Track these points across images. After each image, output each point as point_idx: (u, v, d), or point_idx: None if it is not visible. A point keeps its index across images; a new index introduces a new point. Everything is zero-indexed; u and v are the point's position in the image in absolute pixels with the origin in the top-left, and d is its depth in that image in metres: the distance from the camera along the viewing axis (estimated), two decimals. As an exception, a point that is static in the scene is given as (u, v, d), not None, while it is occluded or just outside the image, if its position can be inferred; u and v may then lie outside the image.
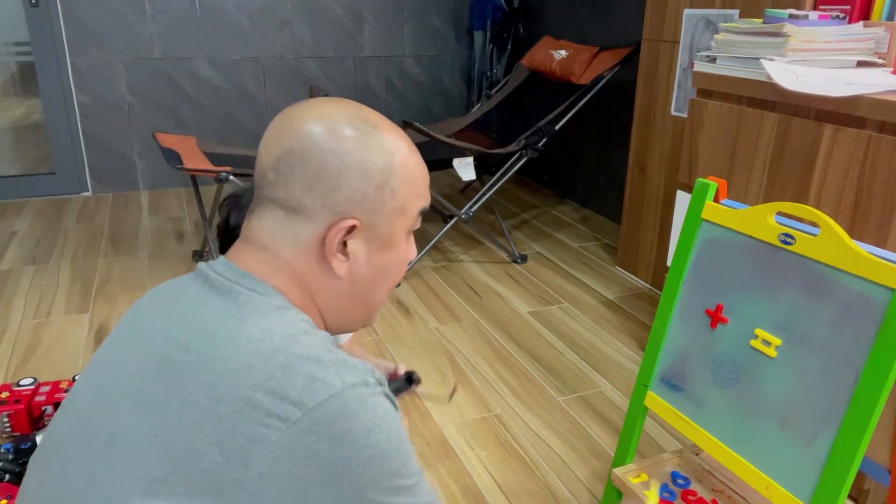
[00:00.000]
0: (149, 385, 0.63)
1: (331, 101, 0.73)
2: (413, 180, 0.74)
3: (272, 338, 0.64)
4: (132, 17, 3.35)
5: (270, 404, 0.60)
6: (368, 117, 0.72)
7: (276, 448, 0.60)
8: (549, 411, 1.77)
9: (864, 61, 1.52)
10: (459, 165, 2.57)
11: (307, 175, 0.68)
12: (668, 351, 1.20)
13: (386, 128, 0.73)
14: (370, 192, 0.70)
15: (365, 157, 0.70)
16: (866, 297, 0.90)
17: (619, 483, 1.23)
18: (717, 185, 1.15)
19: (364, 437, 0.63)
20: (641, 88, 2.46)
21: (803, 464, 0.95)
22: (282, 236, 0.70)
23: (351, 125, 0.70)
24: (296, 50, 3.71)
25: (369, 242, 0.73)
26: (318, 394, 0.61)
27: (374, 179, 0.70)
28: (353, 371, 0.65)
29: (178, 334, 0.66)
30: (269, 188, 0.70)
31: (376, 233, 0.73)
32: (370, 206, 0.71)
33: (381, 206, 0.71)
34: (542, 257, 2.82)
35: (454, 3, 3.97)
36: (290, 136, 0.69)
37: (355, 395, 0.63)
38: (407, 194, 0.74)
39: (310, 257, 0.71)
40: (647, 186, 2.49)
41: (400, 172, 0.72)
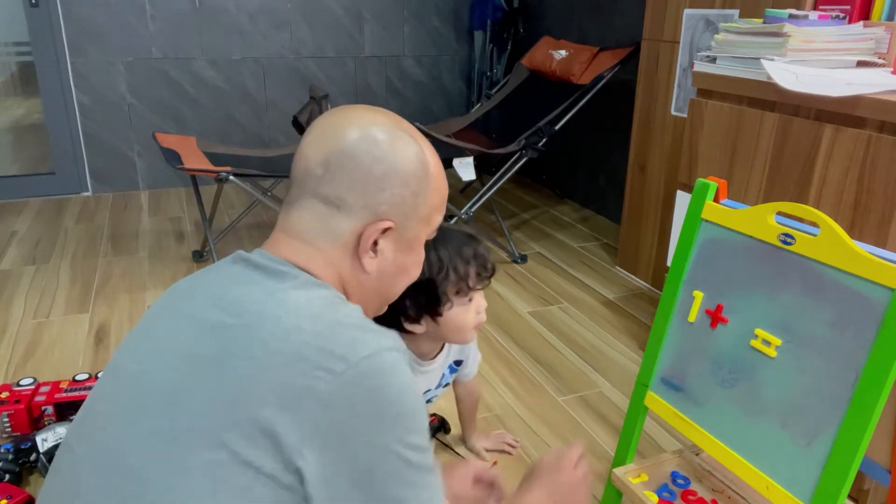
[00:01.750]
0: (205, 346, 0.68)
1: (377, 111, 0.79)
2: (440, 192, 0.83)
3: (316, 305, 0.71)
4: (132, 17, 3.35)
5: (319, 357, 0.66)
6: (409, 129, 0.79)
7: (325, 397, 0.65)
8: (549, 411, 1.77)
9: (864, 61, 1.52)
10: (459, 165, 2.57)
11: (355, 175, 0.75)
12: (668, 351, 1.20)
13: (423, 140, 0.80)
14: (407, 198, 0.77)
15: (407, 166, 0.77)
16: (866, 297, 0.90)
17: (619, 483, 1.23)
18: (717, 185, 1.15)
19: (397, 394, 0.69)
20: (641, 88, 2.46)
21: (803, 464, 0.95)
22: (321, 229, 0.76)
23: (396, 135, 0.77)
24: (296, 50, 3.71)
25: (397, 243, 0.79)
26: (362, 350, 0.68)
27: (411, 186, 0.77)
28: (389, 338, 0.72)
29: (228, 304, 0.71)
30: (315, 183, 0.76)
31: (404, 235, 0.80)
32: (405, 211, 0.78)
33: (414, 211, 0.79)
34: (542, 257, 2.82)
35: (454, 3, 3.97)
36: (343, 138, 0.75)
37: (391, 358, 0.70)
38: (434, 204, 0.82)
39: (344, 250, 0.77)
40: (647, 186, 2.49)
41: (432, 183, 0.80)
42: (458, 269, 1.22)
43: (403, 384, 0.70)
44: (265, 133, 3.79)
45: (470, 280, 1.23)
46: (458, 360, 1.42)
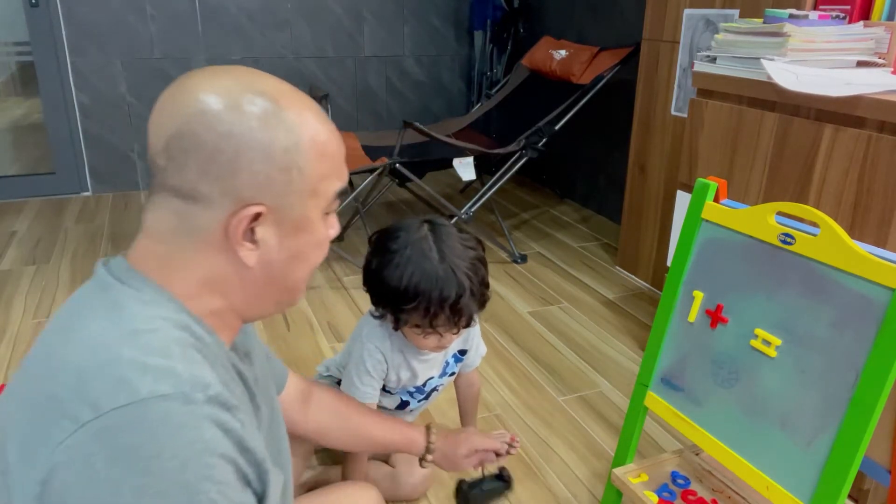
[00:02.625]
0: (15, 385, 0.62)
1: (224, 72, 0.65)
2: (324, 158, 0.67)
3: (108, 335, 0.59)
4: (132, 17, 3.35)
5: (71, 401, 0.54)
6: (268, 89, 0.64)
7: (60, 452, 0.53)
8: (549, 411, 1.77)
9: (864, 61, 1.52)
10: (459, 165, 2.56)
11: (201, 160, 0.61)
12: (668, 351, 1.20)
13: (289, 100, 0.65)
14: (275, 175, 0.63)
15: (265, 136, 0.62)
16: (866, 297, 0.90)
17: (619, 483, 1.23)
18: (717, 185, 1.15)
19: (147, 460, 0.53)
20: (641, 88, 2.46)
21: (803, 464, 0.95)
22: (179, 227, 0.64)
23: (247, 100, 0.62)
24: (296, 50, 3.71)
25: (280, 227, 0.66)
26: (118, 398, 0.54)
27: (278, 161, 0.63)
28: (175, 381, 0.56)
29: (50, 333, 0.64)
30: (161, 175, 0.64)
31: (286, 216, 0.66)
32: (276, 190, 0.64)
33: (289, 188, 0.65)
34: (542, 257, 2.82)
35: (454, 3, 3.97)
36: (179, 116, 0.62)
37: (160, 409, 0.54)
38: (318, 174, 0.67)
39: (213, 247, 0.65)
40: (647, 186, 2.49)
41: (308, 151, 0.65)
42: (430, 309, 1.15)
43: (165, 447, 0.53)
44: (265, 133, 3.79)
45: (437, 323, 1.17)
46: (463, 349, 1.42)
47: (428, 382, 1.39)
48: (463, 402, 1.53)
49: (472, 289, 1.18)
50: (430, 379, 1.39)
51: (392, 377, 1.33)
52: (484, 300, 1.23)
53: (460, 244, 1.21)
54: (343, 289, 2.46)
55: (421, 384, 1.38)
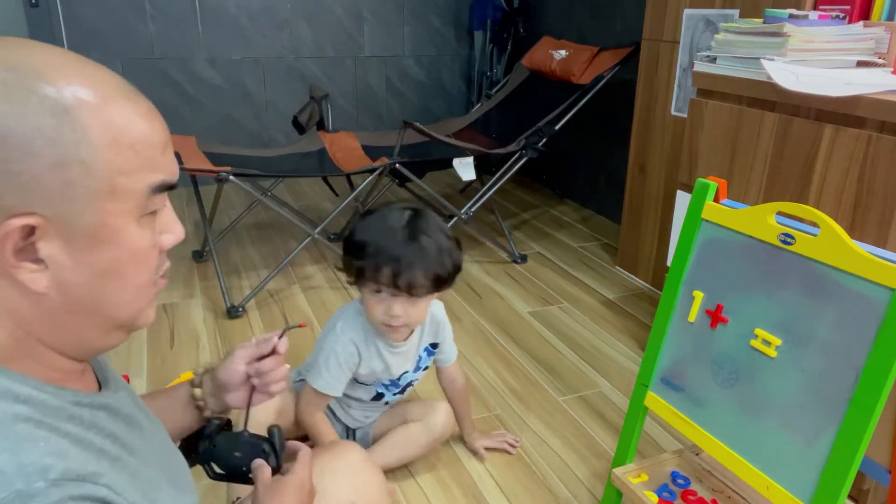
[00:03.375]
0: None
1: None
2: (123, 146, 0.52)
3: None
4: (132, 17, 3.35)
5: None
6: (27, 61, 0.49)
7: None
8: (549, 411, 1.77)
9: (864, 61, 1.52)
10: (459, 165, 2.56)
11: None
12: (668, 351, 1.20)
13: (65, 74, 0.50)
14: (45, 175, 0.49)
15: (22, 124, 0.47)
16: (866, 297, 0.90)
17: (619, 483, 1.23)
18: (717, 185, 1.15)
19: None
20: (641, 88, 2.46)
21: (803, 464, 0.95)
22: None
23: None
24: (296, 50, 3.71)
25: (68, 241, 0.51)
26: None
27: (43, 155, 0.48)
28: (2, 481, 0.45)
29: None
30: None
31: (75, 226, 0.51)
32: (50, 195, 0.49)
33: (70, 189, 0.50)
34: (542, 257, 2.82)
35: (454, 3, 3.97)
36: None
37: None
38: (115, 168, 0.52)
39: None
40: (647, 186, 2.49)
41: (93, 136, 0.50)
42: (378, 263, 1.23)
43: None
44: (265, 133, 3.79)
45: (381, 278, 1.24)
46: (434, 342, 1.47)
47: (403, 376, 1.43)
48: (451, 401, 1.56)
49: (427, 259, 1.24)
50: (405, 373, 1.43)
51: (365, 369, 1.37)
52: (440, 280, 1.28)
53: (438, 229, 1.28)
54: (343, 289, 2.46)
55: (396, 378, 1.42)
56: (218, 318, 2.20)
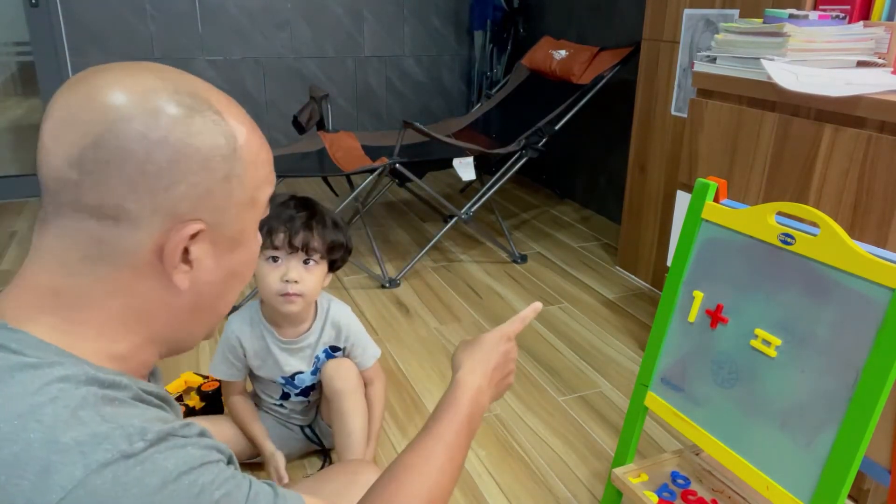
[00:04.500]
0: None
1: (143, 69, 0.57)
2: (260, 164, 0.62)
3: (2, 418, 0.48)
4: (132, 17, 3.35)
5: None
6: (200, 91, 0.58)
7: None
8: (549, 411, 1.77)
9: (864, 61, 1.52)
10: (459, 165, 2.56)
11: (128, 172, 0.53)
12: (668, 351, 1.20)
13: (223, 103, 0.59)
14: (214, 187, 0.56)
15: (204, 143, 0.55)
16: (866, 297, 0.90)
17: (619, 483, 1.23)
18: (717, 185, 1.15)
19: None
20: (641, 88, 2.46)
21: (803, 464, 0.95)
22: (95, 253, 0.54)
23: (179, 103, 0.55)
24: (296, 50, 3.71)
25: (216, 245, 0.59)
26: (53, 492, 0.46)
27: (217, 170, 0.56)
28: (107, 442, 0.48)
29: None
30: (71, 193, 0.53)
31: (224, 233, 0.59)
32: (216, 203, 0.57)
33: (229, 200, 0.58)
34: (542, 257, 2.82)
35: (454, 3, 3.97)
36: (96, 121, 0.53)
37: (107, 478, 0.47)
38: (255, 182, 0.61)
39: (136, 274, 0.56)
40: (647, 186, 2.49)
41: (245, 156, 0.59)
42: (272, 227, 1.27)
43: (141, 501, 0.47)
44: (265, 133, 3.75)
45: (276, 241, 1.28)
46: (335, 346, 1.47)
47: (297, 377, 1.45)
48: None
49: (321, 224, 1.32)
50: (300, 374, 1.44)
51: (255, 361, 1.43)
52: (333, 247, 1.34)
53: (326, 209, 1.37)
54: (343, 289, 2.46)
55: (289, 376, 1.44)
56: (218, 318, 2.20)
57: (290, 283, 1.30)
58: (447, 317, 2.27)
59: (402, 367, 1.96)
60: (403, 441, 1.64)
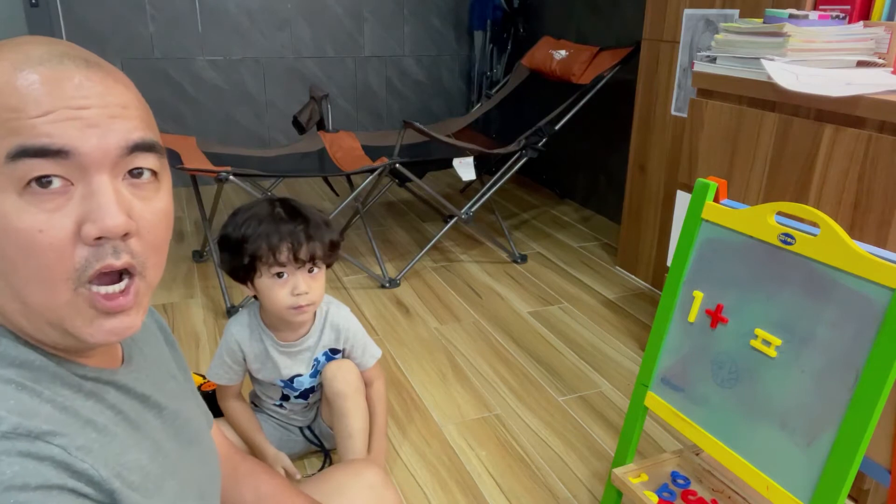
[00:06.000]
0: None
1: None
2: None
3: None
4: (132, 17, 3.35)
5: None
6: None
7: None
8: (549, 411, 1.77)
9: (864, 61, 1.52)
10: (459, 165, 2.56)
11: None
12: (668, 351, 1.20)
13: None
14: None
15: None
16: (866, 297, 0.90)
17: (619, 483, 1.23)
18: (717, 185, 1.15)
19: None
20: (641, 88, 2.46)
21: (803, 464, 0.95)
22: None
23: None
24: (296, 50, 3.71)
25: None
26: None
27: None
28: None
29: None
30: None
31: None
32: None
33: None
34: (542, 257, 2.82)
35: (454, 3, 3.97)
36: None
37: None
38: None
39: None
40: (647, 186, 2.49)
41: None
42: (273, 243, 1.26)
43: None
44: (265, 133, 3.79)
45: (280, 257, 1.27)
46: (335, 349, 1.46)
47: (296, 379, 1.44)
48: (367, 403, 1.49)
49: (317, 228, 1.30)
50: (299, 376, 1.44)
51: (255, 364, 1.43)
52: (333, 247, 1.34)
53: (309, 207, 1.36)
54: (343, 289, 2.46)
55: (287, 379, 1.44)
56: (218, 318, 2.20)
57: (301, 295, 1.30)
58: (447, 317, 2.27)
59: (402, 367, 1.96)
60: (404, 441, 1.64)
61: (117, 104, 0.53)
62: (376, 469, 1.13)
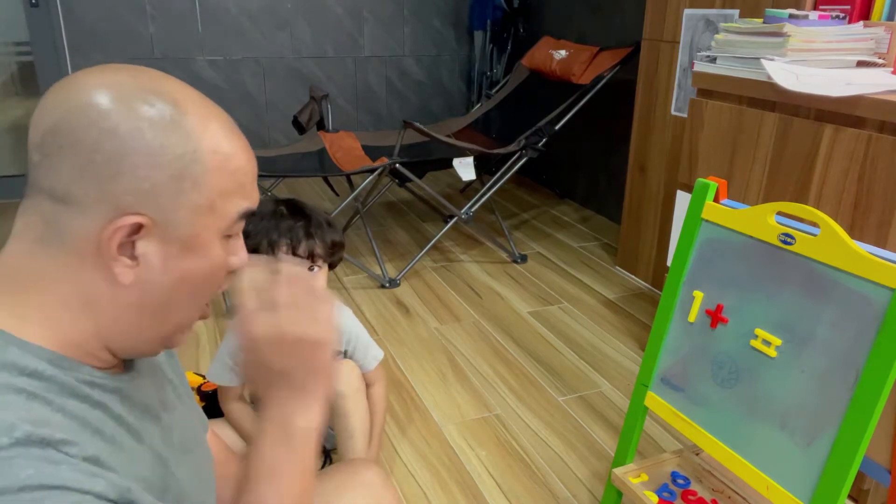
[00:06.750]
0: None
1: (123, 70, 0.60)
2: (226, 172, 0.60)
3: None
4: (132, 17, 3.35)
5: None
6: (169, 90, 0.59)
7: None
8: (549, 411, 1.77)
9: (864, 61, 1.52)
10: (459, 165, 2.56)
11: (78, 158, 0.55)
12: (668, 351, 1.20)
13: (192, 105, 0.59)
14: (163, 183, 0.56)
15: (156, 140, 0.56)
16: (866, 297, 0.90)
17: (619, 483, 1.23)
18: (717, 185, 1.15)
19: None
20: (641, 88, 2.46)
21: (803, 464, 0.95)
22: (47, 234, 0.57)
23: (142, 99, 0.57)
24: (296, 50, 3.71)
25: (166, 245, 0.58)
26: None
27: (166, 167, 0.56)
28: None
29: None
30: (35, 173, 0.57)
31: (174, 233, 0.58)
32: (163, 202, 0.56)
33: (178, 200, 0.57)
34: (542, 257, 2.82)
35: (454, 3, 3.97)
36: (60, 110, 0.56)
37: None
38: (218, 189, 0.59)
39: (84, 261, 0.56)
40: (647, 186, 2.49)
41: (207, 161, 0.58)
42: (273, 239, 1.26)
43: None
44: (265, 133, 3.79)
45: (278, 251, 1.27)
46: (337, 350, 1.43)
47: None
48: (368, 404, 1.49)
49: (318, 226, 1.30)
50: None
51: None
52: (335, 246, 1.34)
53: (312, 207, 1.36)
54: (343, 289, 2.46)
55: None
56: (218, 318, 2.20)
57: None
58: (447, 317, 2.27)
59: (402, 367, 1.96)
60: (404, 441, 1.64)
61: None
62: (376, 469, 1.13)
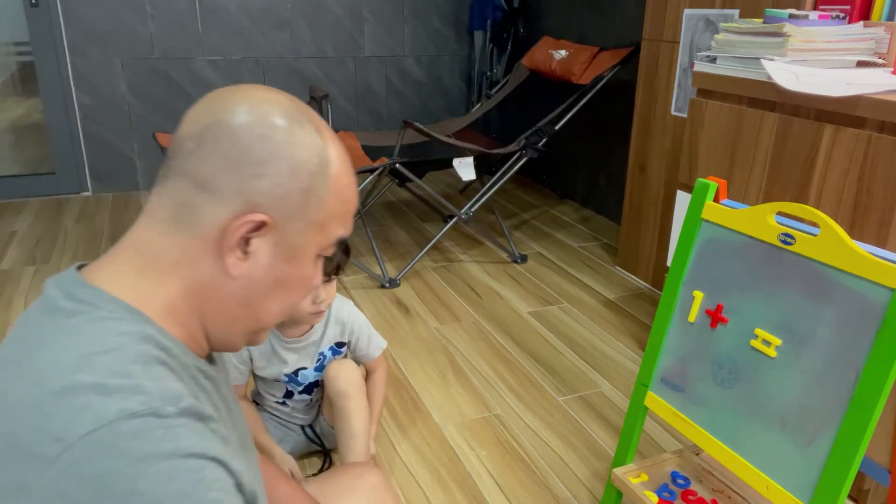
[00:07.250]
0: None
1: (277, 92, 0.67)
2: (341, 200, 0.67)
3: (61, 361, 0.54)
4: (132, 17, 3.35)
5: (32, 440, 0.50)
6: (314, 119, 0.66)
7: (40, 497, 0.49)
8: (549, 411, 1.77)
9: (864, 61, 1.52)
10: (459, 165, 2.57)
11: (231, 153, 0.61)
12: (668, 351, 1.20)
13: (329, 135, 0.67)
14: (294, 193, 0.63)
15: (299, 154, 0.63)
16: (866, 297, 0.90)
17: (619, 483, 1.23)
18: (717, 185, 1.15)
19: (131, 482, 0.50)
20: (641, 88, 2.46)
21: (803, 464, 0.95)
22: (180, 214, 0.62)
23: (297, 120, 0.64)
24: (296, 50, 3.71)
25: (276, 247, 0.64)
26: (83, 425, 0.50)
27: (301, 180, 0.63)
28: (143, 397, 0.53)
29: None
30: (183, 158, 0.62)
31: (286, 239, 0.64)
32: (289, 209, 0.63)
33: (302, 211, 0.64)
34: (542, 257, 2.82)
35: (454, 3, 3.97)
36: (225, 111, 0.63)
37: (130, 427, 0.51)
38: (332, 211, 0.66)
39: (204, 245, 0.62)
40: (647, 186, 2.49)
41: (331, 185, 0.65)
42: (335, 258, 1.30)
43: (144, 464, 0.50)
44: (265, 133, 3.79)
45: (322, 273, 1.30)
46: (340, 342, 1.48)
47: (301, 373, 1.46)
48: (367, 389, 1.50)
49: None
50: (304, 370, 1.46)
51: (261, 362, 1.44)
52: (347, 254, 1.38)
53: None
54: (343, 289, 2.46)
55: (292, 372, 1.45)
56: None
57: (322, 302, 1.35)
58: (447, 317, 2.27)
59: (402, 367, 1.96)
60: (404, 441, 1.64)
61: None
62: (377, 472, 1.13)
